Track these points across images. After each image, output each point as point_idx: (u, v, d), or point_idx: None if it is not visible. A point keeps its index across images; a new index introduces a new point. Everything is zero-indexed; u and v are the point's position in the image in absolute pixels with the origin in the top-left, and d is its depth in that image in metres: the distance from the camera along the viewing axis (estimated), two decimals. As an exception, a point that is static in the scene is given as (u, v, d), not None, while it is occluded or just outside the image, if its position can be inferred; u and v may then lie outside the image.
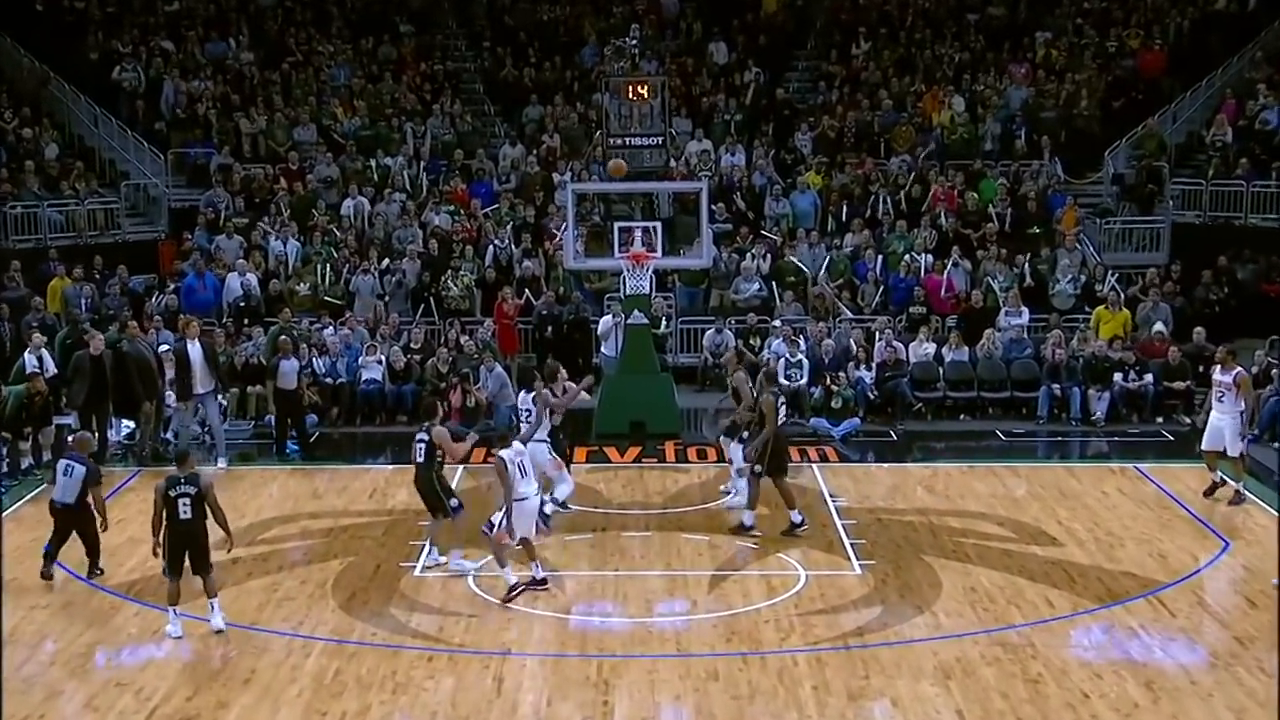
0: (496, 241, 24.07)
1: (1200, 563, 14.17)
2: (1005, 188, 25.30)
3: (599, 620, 12.74)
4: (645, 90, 22.21)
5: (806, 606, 12.94)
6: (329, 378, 20.79)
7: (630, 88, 22.23)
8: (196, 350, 18.40)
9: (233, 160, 26.46)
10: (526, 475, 13.10)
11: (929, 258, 23.59)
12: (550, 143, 27.03)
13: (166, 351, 19.07)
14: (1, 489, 16.63)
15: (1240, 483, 16.02)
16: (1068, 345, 21.14)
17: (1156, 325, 21.59)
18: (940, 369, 21.35)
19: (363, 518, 15.88)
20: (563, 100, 28.12)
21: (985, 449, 19.36)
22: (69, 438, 15.06)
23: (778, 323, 22.07)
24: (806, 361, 20.66)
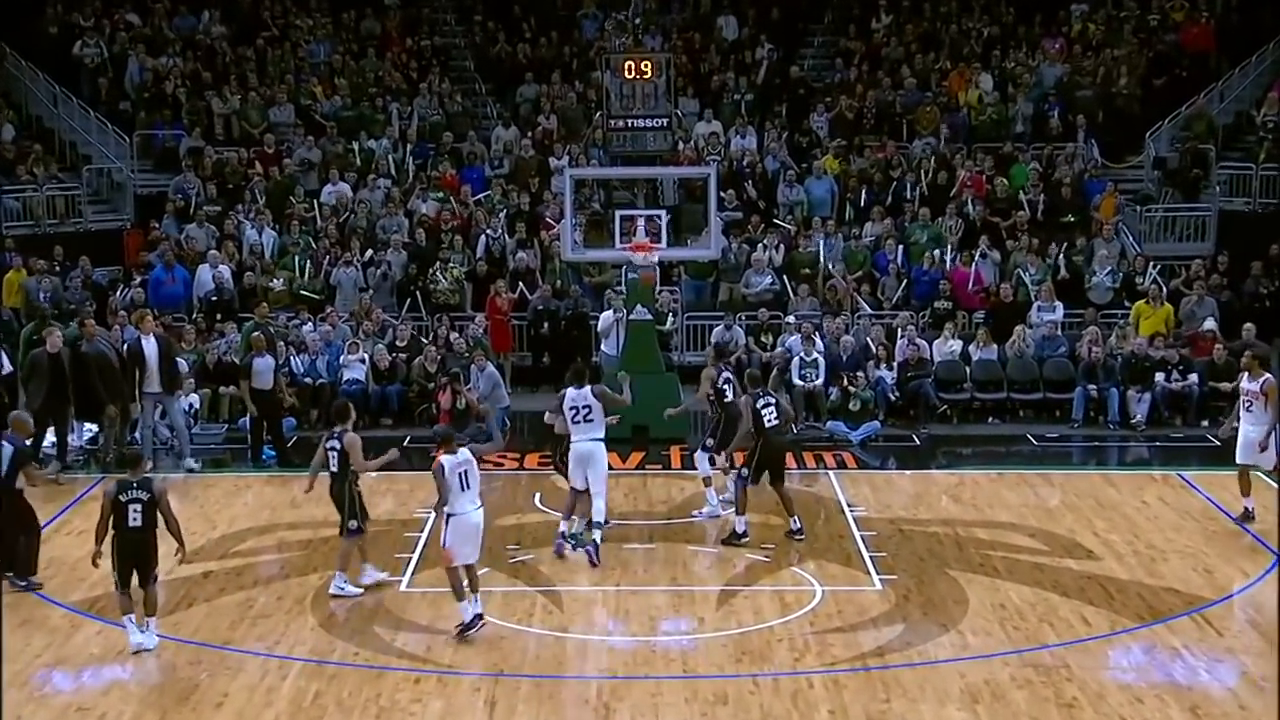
0: (489, 231, 24.09)
1: (1250, 578, 14.17)
2: (1037, 173, 25.28)
3: (599, 639, 12.74)
4: (649, 68, 22.21)
5: (823, 624, 12.94)
6: (308, 378, 20.81)
7: (632, 65, 22.23)
8: (152, 346, 18.41)
9: (204, 143, 26.46)
10: (469, 489, 12.64)
11: (955, 249, 23.59)
12: (546, 124, 27.03)
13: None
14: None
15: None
16: (1105, 343, 21.15)
17: (1208, 323, 21.55)
18: (967, 368, 21.35)
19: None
20: (560, 79, 28.11)
21: (1015, 455, 19.37)
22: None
23: (791, 319, 22.08)
24: (822, 360, 20.67)
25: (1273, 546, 14.92)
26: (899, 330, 21.59)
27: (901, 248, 23.76)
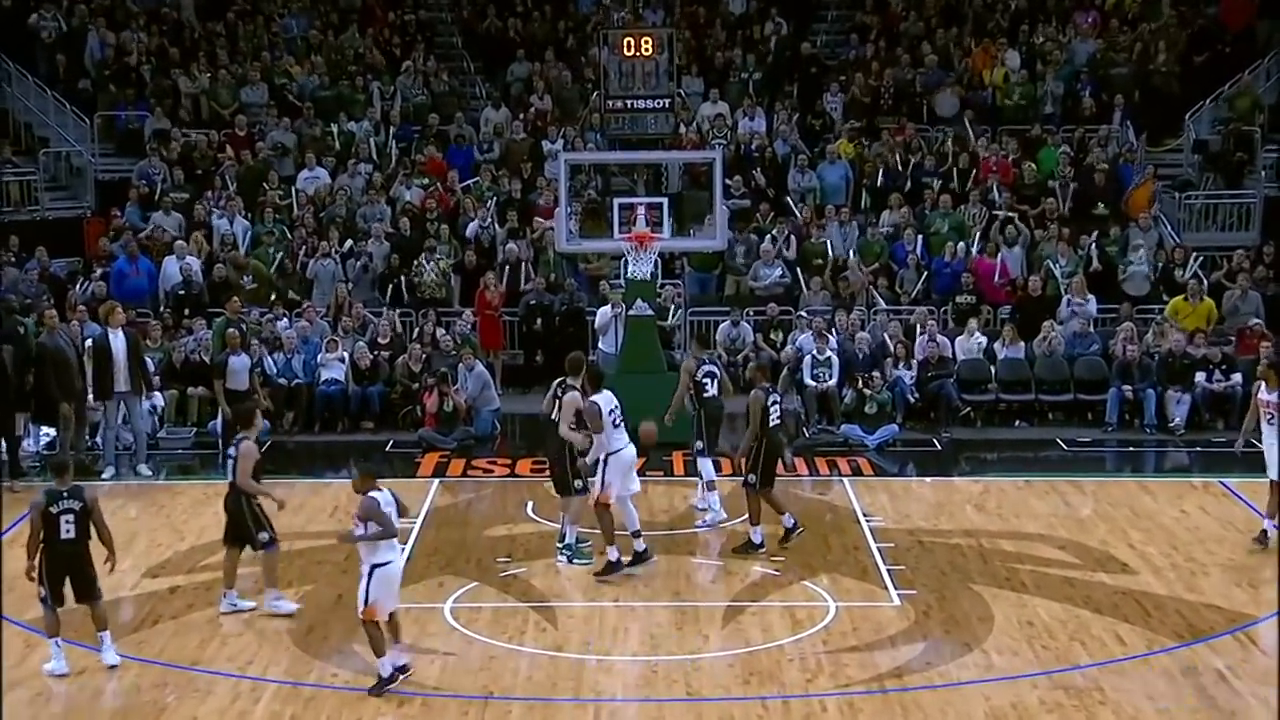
0: (477, 220, 24.10)
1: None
2: (1068, 157, 25.29)
3: (595, 659, 12.73)
4: (649, 44, 22.23)
5: (836, 643, 12.95)
6: (283, 378, 20.80)
7: (632, 41, 22.25)
8: (120, 341, 18.41)
9: (170, 125, 26.47)
10: (395, 535, 11.88)
11: (979, 239, 23.59)
12: (539, 105, 27.05)
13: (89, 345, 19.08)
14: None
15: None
16: (1141, 340, 21.15)
17: (1253, 319, 21.56)
18: (992, 367, 21.35)
19: (322, 540, 15.84)
20: (554, 56, 28.13)
21: (1044, 460, 19.37)
22: None
23: (803, 314, 22.08)
24: (836, 359, 20.66)
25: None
26: (918, 327, 21.60)
27: (921, 238, 23.75)
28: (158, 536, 16.10)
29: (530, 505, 16.98)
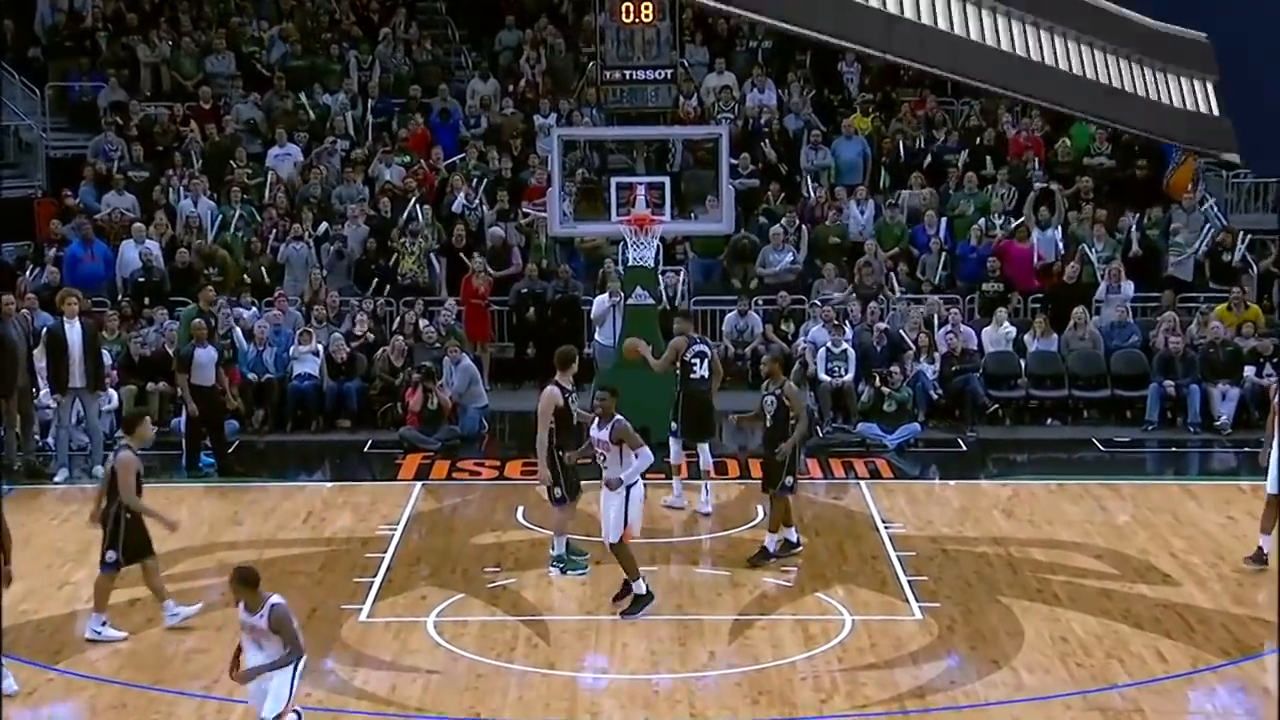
0: (463, 201, 24.09)
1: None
2: (1105, 132, 25.29)
3: (591, 677, 12.74)
4: (650, 10, 22.24)
5: (853, 660, 12.95)
6: (253, 372, 20.81)
7: (631, 7, 22.24)
8: (76, 333, 18.39)
9: (128, 97, 26.46)
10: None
11: (1008, 221, 23.60)
12: (530, 77, 27.03)
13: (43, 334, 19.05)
14: None
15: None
16: (1185, 331, 21.15)
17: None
18: (1021, 361, 21.37)
19: (295, 548, 15.88)
20: (546, 22, 28.10)
21: (1079, 462, 19.41)
22: None
23: (816, 303, 22.08)
24: (852, 352, 20.68)
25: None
26: (940, 317, 21.60)
27: (944, 220, 23.77)
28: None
29: (521, 511, 16.98)
